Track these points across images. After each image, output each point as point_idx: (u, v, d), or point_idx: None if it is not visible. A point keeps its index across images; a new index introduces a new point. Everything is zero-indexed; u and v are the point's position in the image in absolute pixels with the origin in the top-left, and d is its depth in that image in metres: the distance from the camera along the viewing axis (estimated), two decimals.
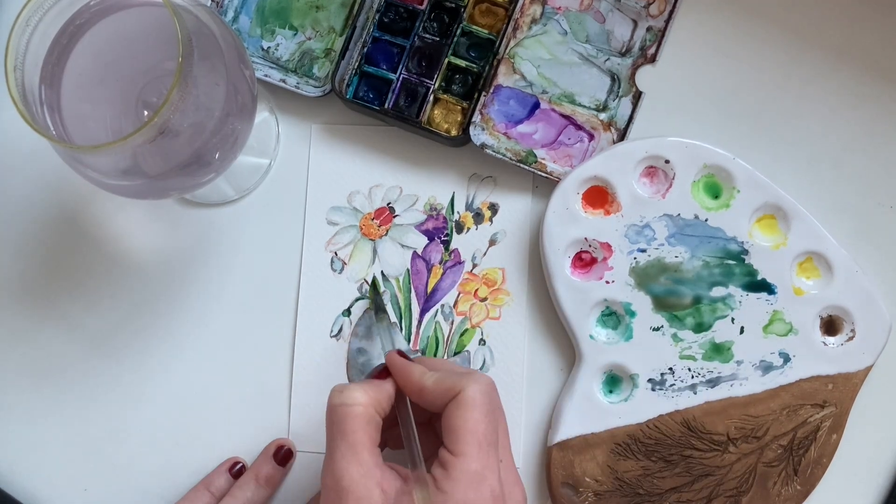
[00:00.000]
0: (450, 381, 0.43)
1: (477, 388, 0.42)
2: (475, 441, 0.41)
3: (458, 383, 0.42)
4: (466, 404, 0.42)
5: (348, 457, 0.41)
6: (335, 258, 0.53)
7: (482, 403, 0.42)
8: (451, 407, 0.42)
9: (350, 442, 0.42)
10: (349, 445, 0.42)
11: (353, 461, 0.41)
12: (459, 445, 0.41)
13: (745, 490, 0.50)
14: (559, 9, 0.52)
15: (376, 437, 0.43)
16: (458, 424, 0.42)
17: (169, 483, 0.53)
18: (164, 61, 0.43)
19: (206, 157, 0.43)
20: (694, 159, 0.50)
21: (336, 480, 0.41)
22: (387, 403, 0.44)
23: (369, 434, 0.42)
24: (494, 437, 0.42)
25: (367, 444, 0.42)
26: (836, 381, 0.50)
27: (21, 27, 0.39)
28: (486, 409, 0.42)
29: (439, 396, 0.43)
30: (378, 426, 0.43)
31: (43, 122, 0.41)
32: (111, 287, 0.54)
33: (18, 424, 0.54)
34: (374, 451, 0.42)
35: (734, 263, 0.50)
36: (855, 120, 0.52)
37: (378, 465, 0.42)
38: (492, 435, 0.42)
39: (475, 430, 0.41)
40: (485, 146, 0.51)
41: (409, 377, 0.44)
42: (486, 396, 0.42)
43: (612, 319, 0.51)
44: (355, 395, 0.42)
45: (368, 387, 0.43)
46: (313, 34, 0.53)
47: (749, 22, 0.52)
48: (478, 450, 0.41)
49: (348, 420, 0.42)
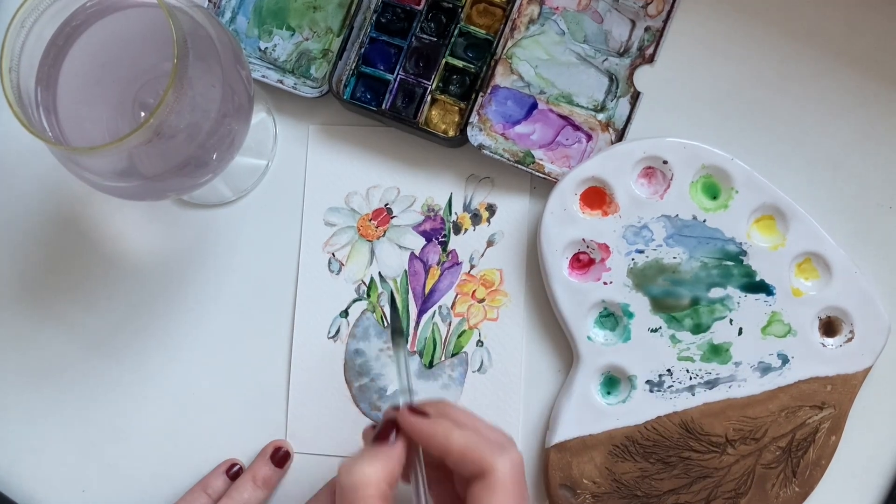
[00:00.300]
0: (478, 453, 0.40)
1: (507, 471, 0.40)
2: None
3: (488, 459, 0.40)
4: (495, 489, 0.39)
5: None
6: (333, 259, 0.53)
7: (511, 488, 0.40)
8: (477, 487, 0.40)
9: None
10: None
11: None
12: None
13: (744, 492, 0.50)
14: (557, 9, 0.52)
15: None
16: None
17: (166, 484, 0.53)
18: (160, 62, 0.43)
19: (202, 158, 0.43)
20: (692, 160, 0.50)
21: None
22: (398, 470, 0.41)
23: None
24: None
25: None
26: (834, 382, 0.50)
27: (16, 29, 0.39)
28: (515, 494, 0.40)
29: (465, 466, 0.40)
30: (391, 499, 0.41)
31: (39, 124, 0.41)
32: (109, 288, 0.54)
33: (17, 425, 0.54)
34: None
35: (732, 264, 0.50)
36: (854, 120, 0.52)
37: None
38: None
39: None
40: (482, 147, 0.51)
41: (433, 439, 0.41)
42: (515, 480, 0.40)
43: (610, 321, 0.51)
44: (366, 472, 0.40)
45: (377, 459, 0.41)
46: (311, 35, 0.53)
47: (748, 22, 0.52)
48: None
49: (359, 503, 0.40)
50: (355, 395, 0.53)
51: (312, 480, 0.53)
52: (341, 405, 0.53)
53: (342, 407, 0.53)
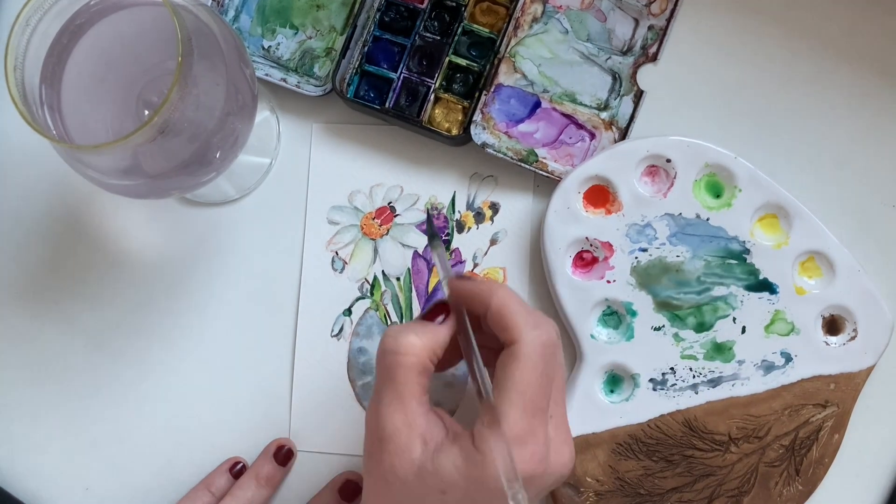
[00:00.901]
0: (511, 320, 0.40)
1: (534, 344, 0.39)
2: (521, 403, 0.39)
3: (518, 328, 0.40)
4: (519, 359, 0.39)
5: (395, 404, 0.40)
6: (336, 258, 0.53)
7: (537, 362, 0.39)
8: (504, 356, 0.40)
9: (398, 391, 0.40)
10: (397, 394, 0.40)
11: (399, 410, 0.40)
12: (504, 403, 0.39)
13: (747, 490, 0.50)
14: (560, 7, 0.52)
15: (427, 383, 0.41)
16: (507, 379, 0.39)
17: (169, 482, 0.53)
18: (164, 61, 0.43)
19: (206, 156, 0.43)
20: (695, 158, 0.50)
21: (379, 426, 0.40)
22: (441, 349, 0.41)
23: (420, 383, 0.40)
24: (545, 400, 0.40)
25: (415, 393, 0.40)
26: (838, 380, 0.50)
27: (21, 27, 0.39)
28: (541, 370, 0.39)
29: (499, 329, 0.40)
30: (430, 373, 0.41)
31: (43, 122, 0.41)
32: (113, 286, 0.54)
33: (20, 423, 0.54)
34: (421, 401, 0.40)
35: (736, 263, 0.50)
36: (857, 118, 0.52)
37: (424, 415, 0.40)
38: (541, 398, 0.39)
39: (523, 392, 0.39)
40: (486, 145, 0.51)
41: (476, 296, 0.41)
42: (541, 354, 0.40)
43: (614, 319, 0.51)
44: (411, 342, 0.40)
45: (423, 332, 0.41)
46: (314, 33, 0.53)
47: (751, 20, 0.52)
48: (523, 413, 0.39)
49: (400, 369, 0.40)
50: (358, 394, 0.53)
51: (315, 478, 0.53)
52: (344, 403, 0.53)
53: (345, 405, 0.53)
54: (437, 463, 0.39)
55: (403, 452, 0.40)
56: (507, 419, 0.39)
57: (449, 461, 0.39)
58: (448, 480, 0.39)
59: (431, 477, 0.39)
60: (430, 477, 0.39)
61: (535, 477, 0.40)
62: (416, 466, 0.40)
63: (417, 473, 0.40)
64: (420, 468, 0.40)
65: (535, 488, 0.40)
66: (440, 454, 0.39)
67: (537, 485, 0.40)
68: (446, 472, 0.39)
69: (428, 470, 0.39)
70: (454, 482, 0.39)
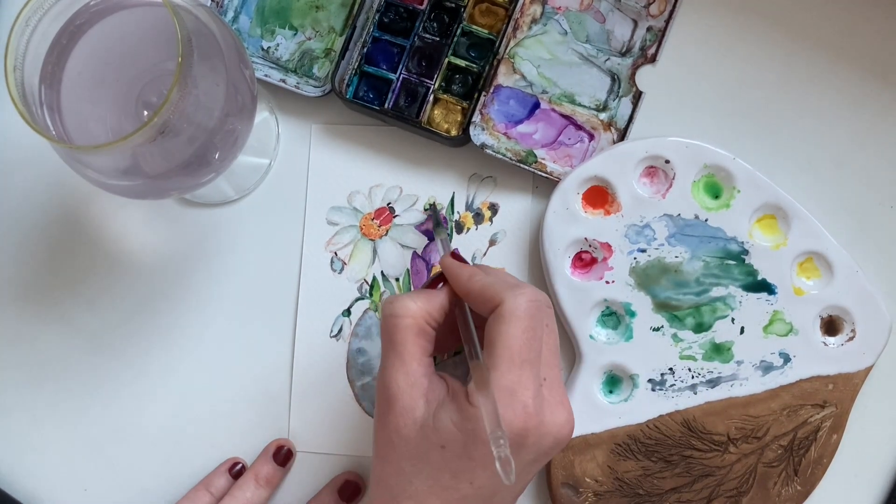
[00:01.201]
0: (493, 291, 0.42)
1: (518, 302, 0.41)
2: (508, 355, 0.40)
3: (500, 294, 0.42)
4: (503, 317, 0.41)
5: (396, 366, 0.42)
6: (335, 258, 0.53)
7: (521, 318, 0.41)
8: (490, 319, 0.42)
9: (399, 352, 0.42)
10: (398, 355, 0.42)
11: (401, 371, 0.42)
12: (492, 359, 0.41)
13: (746, 490, 0.50)
14: (559, 9, 0.52)
15: (427, 346, 0.43)
16: (494, 338, 0.41)
17: (169, 483, 0.53)
18: (164, 61, 0.43)
19: (206, 156, 0.43)
20: (694, 159, 0.50)
21: (385, 388, 0.42)
22: (438, 313, 0.43)
23: (419, 345, 0.42)
24: (532, 353, 0.41)
25: (415, 354, 0.42)
26: (836, 381, 0.50)
27: (21, 27, 0.39)
28: (525, 325, 0.41)
29: (483, 304, 0.42)
30: (429, 336, 0.43)
31: (43, 123, 0.41)
32: (111, 287, 0.54)
33: (19, 423, 0.54)
34: (422, 361, 0.42)
35: (734, 263, 0.50)
36: (855, 119, 0.52)
37: (426, 375, 0.42)
38: (528, 351, 0.41)
39: (509, 345, 0.40)
40: (485, 146, 0.51)
41: (458, 279, 0.44)
42: (526, 311, 0.41)
43: (613, 319, 0.51)
44: (406, 305, 0.42)
45: (420, 297, 0.43)
46: (313, 34, 0.53)
47: (749, 21, 0.52)
48: (509, 364, 0.40)
49: (398, 331, 0.42)
50: (357, 394, 0.53)
51: (315, 479, 0.53)
52: (344, 404, 0.53)
53: (344, 406, 0.53)
54: (437, 419, 0.41)
55: (408, 412, 0.41)
56: (496, 371, 0.40)
57: (447, 417, 0.40)
58: (447, 435, 0.40)
59: (432, 433, 0.41)
60: (431, 433, 0.41)
61: (528, 431, 0.40)
62: (419, 425, 0.41)
63: (420, 431, 0.41)
64: (422, 426, 0.41)
65: (532, 448, 0.41)
66: (440, 411, 0.41)
67: (533, 443, 0.40)
68: (445, 427, 0.40)
69: (429, 426, 0.41)
70: (453, 437, 0.40)
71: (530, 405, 0.40)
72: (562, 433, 0.42)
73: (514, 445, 0.40)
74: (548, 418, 0.41)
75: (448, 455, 0.40)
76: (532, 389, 0.40)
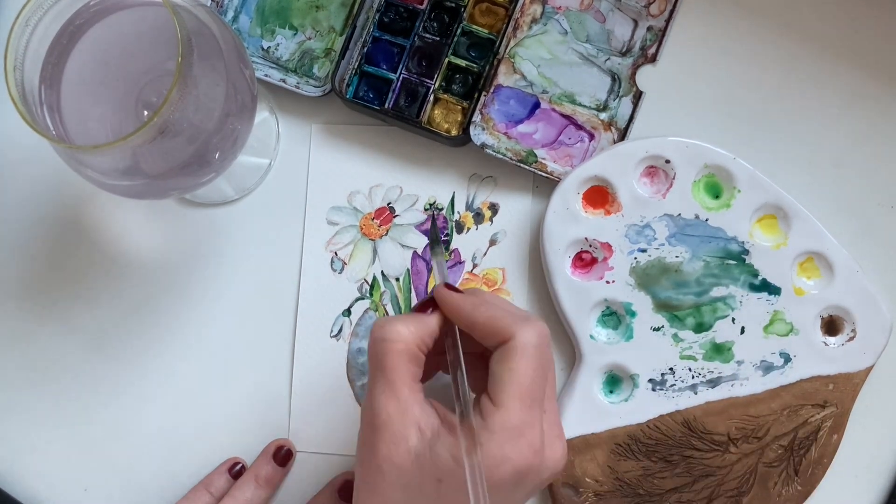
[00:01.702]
0: (502, 323, 0.41)
1: (529, 338, 0.40)
2: (518, 394, 0.40)
3: (510, 328, 0.40)
4: (515, 354, 0.40)
5: (387, 393, 0.40)
6: (335, 258, 0.53)
7: (532, 356, 0.40)
8: (499, 353, 0.41)
9: (390, 379, 0.41)
10: (388, 382, 0.41)
11: (391, 397, 0.40)
12: (502, 397, 0.40)
13: (746, 490, 0.50)
14: (559, 8, 0.52)
15: (417, 372, 0.41)
16: (504, 375, 0.40)
17: (169, 483, 0.53)
18: (164, 61, 0.43)
19: (206, 156, 0.43)
20: (694, 159, 0.50)
21: (373, 415, 0.41)
22: (430, 339, 0.42)
23: (410, 371, 0.41)
24: (540, 392, 0.40)
25: (406, 380, 0.41)
26: (836, 381, 0.50)
27: (21, 27, 0.39)
28: (535, 363, 0.40)
29: (489, 336, 0.41)
30: (420, 362, 0.42)
31: (43, 123, 0.41)
32: (112, 287, 0.54)
33: (19, 423, 0.54)
34: (413, 388, 0.41)
35: (735, 263, 0.50)
36: (856, 119, 0.52)
37: (417, 403, 0.41)
38: (538, 390, 0.40)
39: (520, 384, 0.40)
40: (485, 146, 0.51)
41: (460, 311, 0.42)
42: (537, 347, 0.40)
43: (613, 319, 0.51)
44: (398, 330, 0.41)
45: (412, 321, 0.42)
46: (313, 34, 0.53)
47: (750, 21, 0.52)
48: (520, 404, 0.39)
49: (389, 356, 0.41)
50: (357, 394, 0.53)
51: (315, 479, 0.53)
52: (344, 404, 0.53)
53: (344, 406, 0.53)
54: (434, 451, 0.40)
55: (399, 441, 0.40)
56: (506, 412, 0.39)
57: (445, 450, 0.39)
58: (445, 469, 0.39)
59: (429, 465, 0.40)
60: (428, 465, 0.40)
61: (531, 468, 0.40)
62: (413, 455, 0.40)
63: (415, 462, 0.40)
64: (417, 456, 0.40)
65: (530, 483, 0.40)
66: (436, 443, 0.40)
67: (533, 479, 0.40)
68: (443, 460, 0.39)
69: (425, 457, 0.40)
70: (451, 471, 0.39)
71: (536, 444, 0.40)
72: (558, 466, 0.42)
73: (513, 482, 0.40)
74: (548, 454, 0.41)
75: (444, 489, 0.40)
76: (538, 429, 0.40)
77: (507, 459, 0.39)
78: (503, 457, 0.39)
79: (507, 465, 0.39)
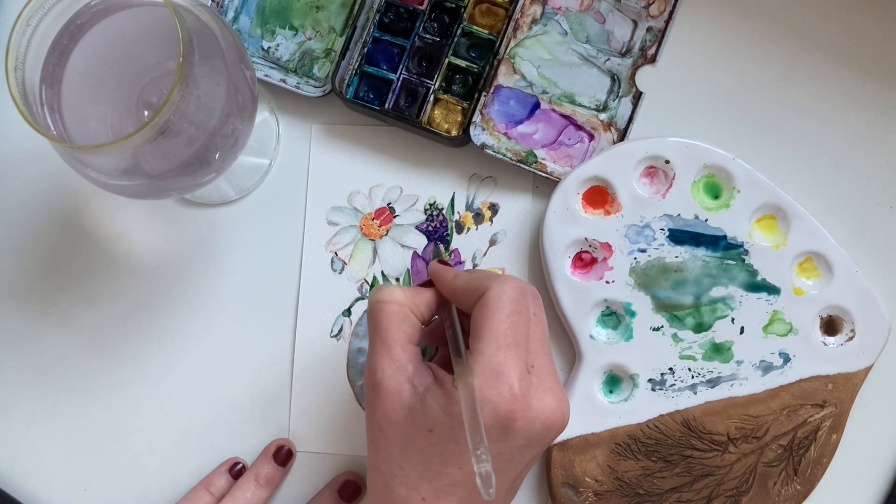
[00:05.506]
0: (478, 283, 0.43)
1: (503, 289, 0.42)
2: (493, 338, 0.41)
3: (485, 284, 0.42)
4: (488, 304, 0.42)
5: (381, 352, 0.42)
6: (335, 258, 0.53)
7: (506, 303, 0.42)
8: (476, 307, 0.42)
9: (384, 338, 0.43)
10: (383, 341, 0.43)
11: (386, 356, 0.42)
12: (477, 343, 0.41)
13: (745, 490, 0.50)
14: (559, 9, 0.52)
15: (412, 334, 0.43)
16: (479, 323, 0.42)
17: (169, 483, 0.53)
18: (164, 61, 0.43)
19: (206, 157, 0.43)
20: (694, 159, 0.50)
21: (371, 374, 0.43)
22: (425, 308, 0.44)
23: (404, 331, 0.43)
24: (518, 337, 0.41)
25: (400, 340, 0.43)
26: (835, 381, 0.50)
27: (22, 27, 0.39)
28: (509, 309, 0.42)
29: (469, 297, 0.43)
30: (414, 325, 0.43)
31: (43, 122, 0.41)
32: (111, 287, 0.54)
33: (19, 423, 0.54)
34: (407, 348, 0.43)
35: (734, 263, 0.50)
36: (855, 120, 0.52)
37: (411, 361, 0.42)
38: (514, 335, 0.41)
39: (494, 329, 0.41)
40: (485, 146, 0.51)
41: (444, 279, 0.45)
42: (510, 298, 0.42)
43: (613, 319, 0.51)
44: (392, 292, 0.44)
45: (407, 288, 0.45)
46: (313, 34, 0.53)
47: (749, 22, 0.52)
48: (495, 348, 0.41)
49: (383, 316, 0.43)
50: (358, 394, 0.53)
51: (315, 479, 0.53)
52: (344, 404, 0.53)
53: (345, 405, 0.53)
54: (425, 403, 0.41)
55: (394, 397, 0.42)
56: (481, 355, 0.41)
57: (434, 401, 0.41)
58: (434, 419, 0.41)
59: (420, 417, 0.41)
60: (419, 417, 0.41)
61: (515, 414, 0.40)
62: (407, 409, 0.41)
63: (408, 415, 0.41)
64: (410, 410, 0.41)
65: (520, 434, 0.41)
66: (427, 395, 0.41)
67: (522, 430, 0.40)
68: (432, 410, 0.41)
69: (417, 410, 0.41)
70: (440, 420, 0.41)
71: (516, 387, 0.40)
72: (552, 419, 0.41)
73: (501, 429, 0.40)
74: (535, 403, 0.41)
75: (436, 439, 0.41)
76: (518, 371, 0.41)
77: (487, 401, 0.40)
78: (483, 398, 0.40)
79: (487, 408, 0.40)
